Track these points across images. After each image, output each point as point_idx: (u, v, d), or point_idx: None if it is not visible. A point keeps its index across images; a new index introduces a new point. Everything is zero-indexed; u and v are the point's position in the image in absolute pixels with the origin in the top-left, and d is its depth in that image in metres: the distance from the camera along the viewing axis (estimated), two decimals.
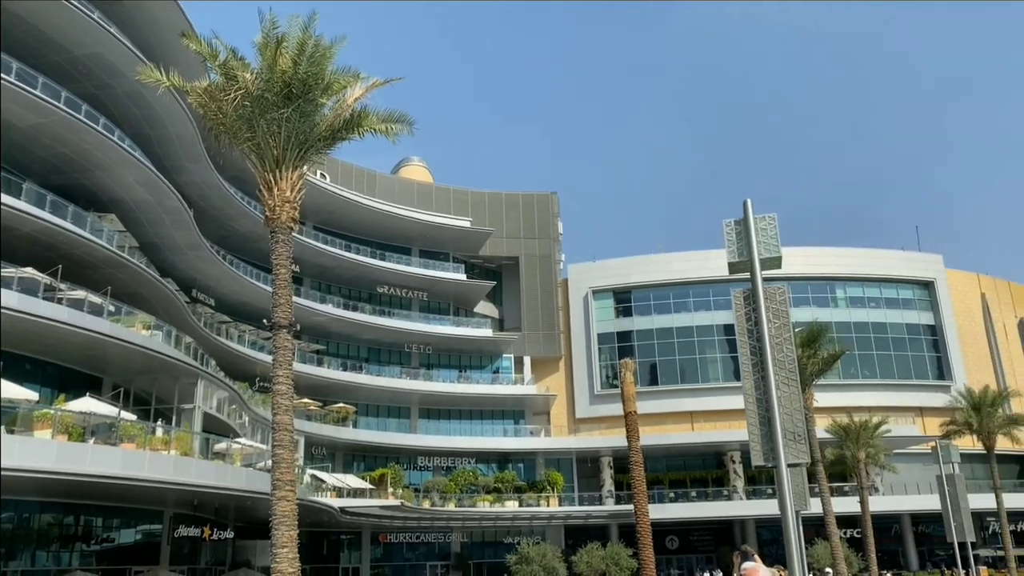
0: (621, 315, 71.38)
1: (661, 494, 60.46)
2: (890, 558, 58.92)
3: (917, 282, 72.84)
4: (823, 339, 39.49)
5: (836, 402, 55.56)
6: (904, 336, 70.86)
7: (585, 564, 37.67)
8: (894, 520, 61.29)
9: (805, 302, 68.58)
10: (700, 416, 65.54)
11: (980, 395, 52.63)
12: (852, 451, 45.96)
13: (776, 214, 9.94)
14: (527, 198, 72.10)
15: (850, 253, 72.22)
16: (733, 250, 10.29)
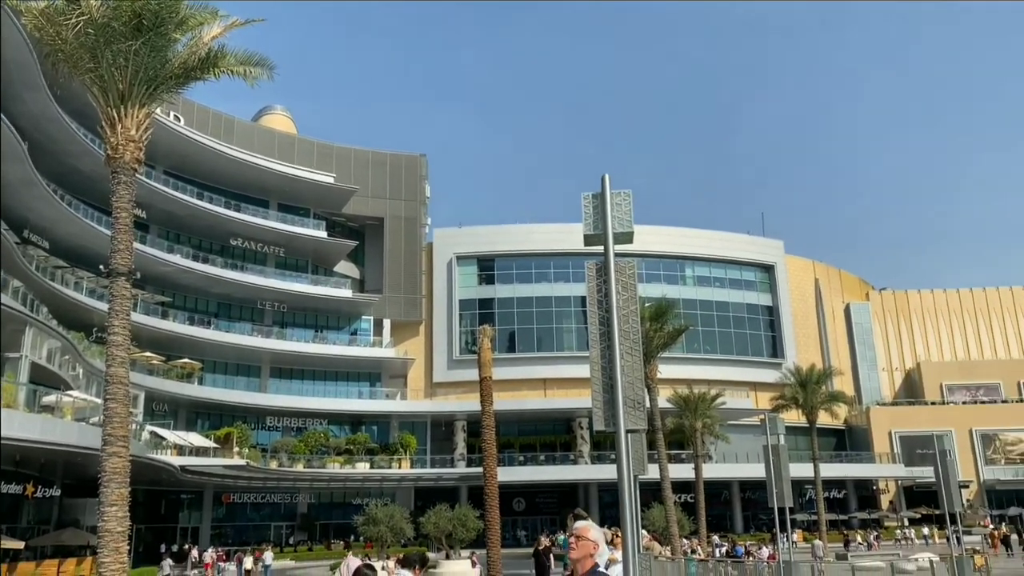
0: (484, 282, 72.00)
1: (512, 458, 61.93)
2: (719, 522, 63.13)
3: (759, 265, 77.62)
4: (670, 314, 41.39)
5: (679, 374, 58.53)
6: (744, 315, 75.49)
7: (432, 525, 38.03)
8: (724, 487, 65.64)
9: (657, 279, 71.62)
10: (554, 383, 67.41)
11: (807, 373, 56.95)
12: (690, 421, 48.66)
13: (631, 191, 10.24)
14: (395, 158, 70.96)
15: (700, 234, 75.86)
16: (589, 223, 10.51)
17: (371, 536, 41.53)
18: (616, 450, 9.80)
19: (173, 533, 54.32)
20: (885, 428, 75.23)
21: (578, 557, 5.15)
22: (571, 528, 5.38)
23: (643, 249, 66.90)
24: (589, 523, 5.43)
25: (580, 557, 5.14)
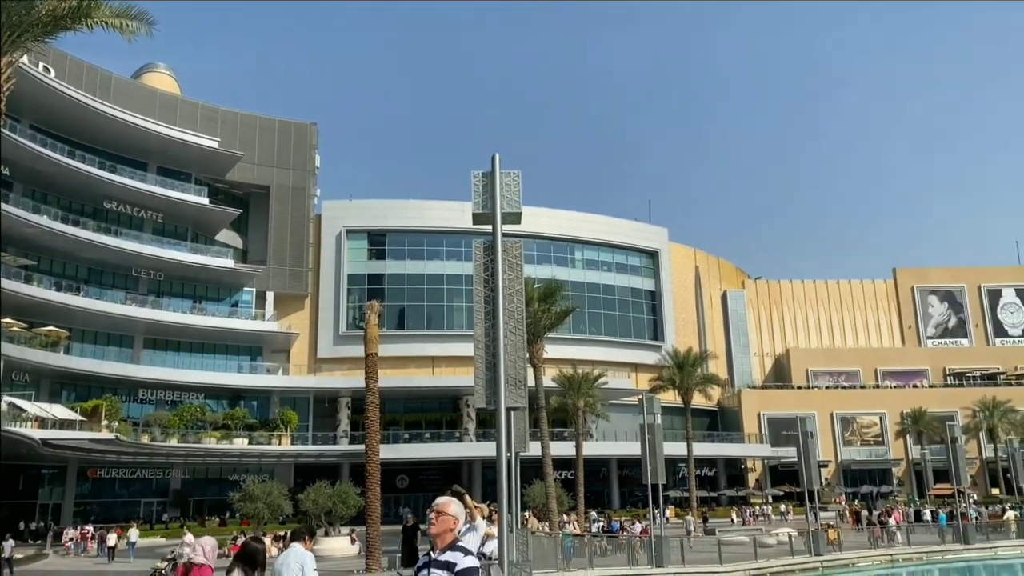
0: (374, 257, 71.00)
1: (397, 435, 61.65)
2: (597, 498, 65.01)
3: (644, 251, 79.93)
4: (558, 296, 42.12)
5: (565, 354, 59.70)
6: (629, 299, 77.67)
7: (311, 502, 37.54)
8: (603, 464, 67.61)
9: (547, 260, 72.61)
10: (442, 361, 67.42)
11: (684, 356, 59.27)
12: (573, 400, 49.81)
13: (521, 172, 10.32)
14: (284, 125, 68.72)
15: (590, 219, 77.33)
16: (479, 201, 10.55)
17: (248, 513, 40.57)
18: (496, 427, 9.95)
19: (32, 510, 51.34)
20: (755, 410, 79.28)
21: (438, 532, 5.19)
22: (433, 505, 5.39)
23: (534, 231, 67.58)
24: (449, 498, 5.46)
25: (440, 532, 5.17)
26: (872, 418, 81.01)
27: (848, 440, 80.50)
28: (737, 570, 31.10)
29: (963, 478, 43.86)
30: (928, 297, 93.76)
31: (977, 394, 77.23)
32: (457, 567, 5.03)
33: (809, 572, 33.30)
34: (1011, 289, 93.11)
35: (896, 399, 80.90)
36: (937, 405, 77.58)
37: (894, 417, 79.19)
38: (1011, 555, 39.81)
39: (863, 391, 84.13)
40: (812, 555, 34.22)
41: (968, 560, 38.07)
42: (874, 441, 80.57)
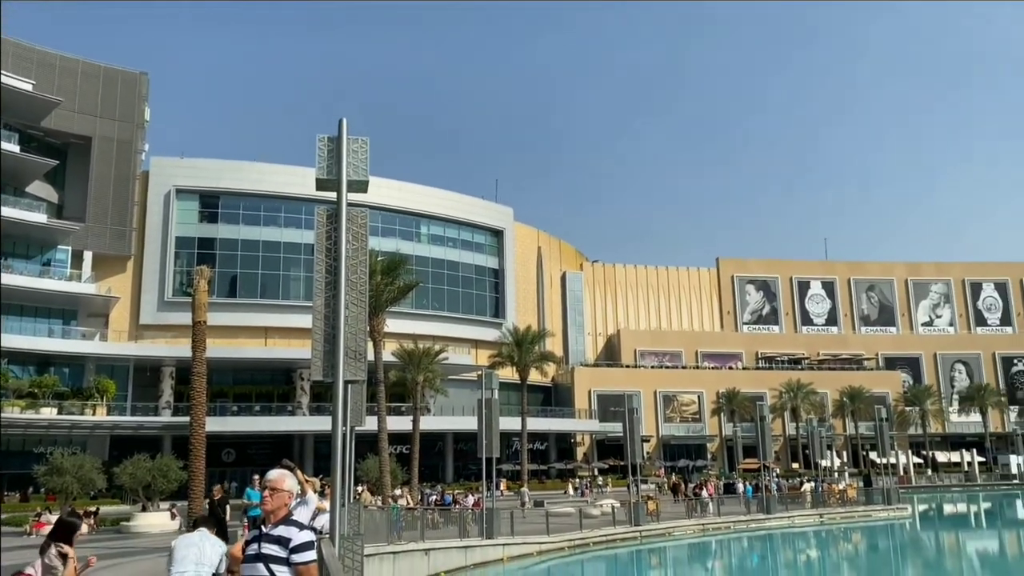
0: (206, 220, 67.34)
1: (224, 407, 59.15)
2: (432, 472, 65.46)
3: (490, 229, 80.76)
4: (402, 269, 41.77)
5: (406, 329, 59.43)
6: (472, 276, 78.32)
7: (128, 476, 35.27)
8: (440, 438, 68.08)
9: (392, 233, 71.76)
10: (276, 332, 65.20)
11: (524, 334, 60.59)
12: (413, 375, 49.75)
13: (368, 138, 10.04)
14: (110, 73, 63.49)
15: (438, 194, 77.10)
16: (323, 167, 10.17)
17: (54, 488, 37.68)
18: (332, 401, 9.69)
19: None
20: (586, 387, 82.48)
21: (274, 508, 5.05)
22: (265, 480, 5.19)
23: (380, 202, 66.48)
24: (283, 472, 5.30)
25: (275, 509, 5.04)
26: (692, 396, 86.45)
27: (669, 417, 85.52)
28: (563, 540, 32.36)
29: (768, 453, 47.74)
30: (746, 286, 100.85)
31: (784, 377, 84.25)
32: (292, 542, 4.88)
33: (629, 541, 35.19)
34: (818, 282, 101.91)
35: (714, 379, 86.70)
36: (749, 386, 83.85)
37: (711, 396, 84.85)
38: (806, 523, 43.89)
39: (685, 371, 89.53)
40: (632, 525, 36.16)
41: (769, 528, 41.59)
42: (692, 418, 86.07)
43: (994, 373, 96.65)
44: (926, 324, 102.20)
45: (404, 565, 24.87)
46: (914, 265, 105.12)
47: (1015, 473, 76.56)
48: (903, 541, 42.39)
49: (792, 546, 39.43)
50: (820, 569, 34.26)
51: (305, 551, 4.88)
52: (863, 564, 35.39)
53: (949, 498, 69.18)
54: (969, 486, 75.16)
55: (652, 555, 34.87)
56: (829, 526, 44.25)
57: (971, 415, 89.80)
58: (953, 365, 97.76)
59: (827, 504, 47.61)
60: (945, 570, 33.78)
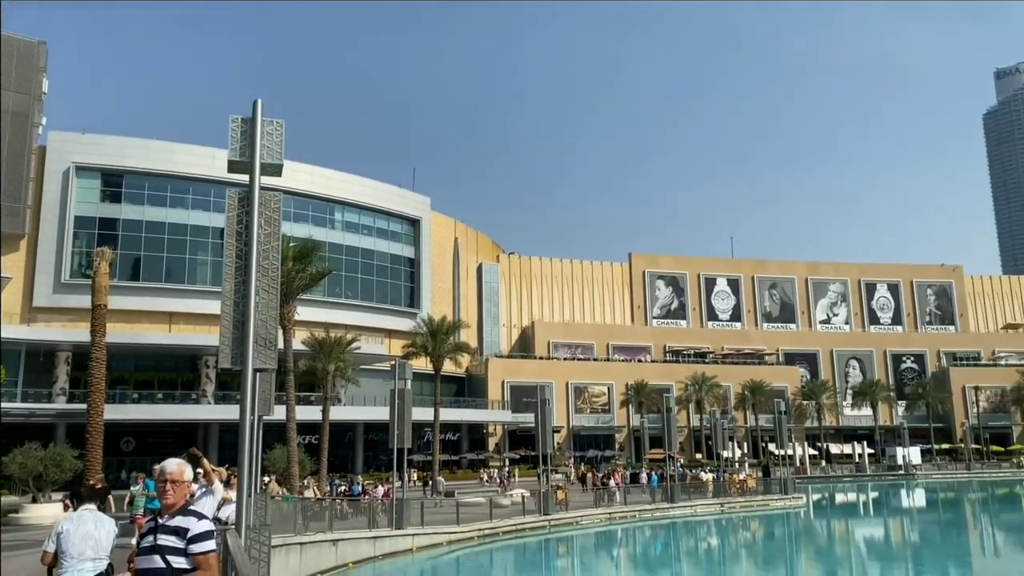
0: (108, 200, 64.43)
1: (124, 394, 56.95)
2: (342, 462, 64.64)
3: (406, 218, 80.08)
4: (314, 256, 40.99)
5: (318, 317, 58.35)
6: (388, 265, 77.54)
7: (18, 465, 33.49)
8: (350, 428, 67.25)
9: (305, 219, 70.32)
10: (181, 318, 63.04)
11: (439, 324, 60.40)
12: (324, 364, 48.90)
13: (284, 121, 9.84)
14: (6, 42, 59.77)
15: (354, 180, 75.95)
16: (236, 148, 9.91)
17: None
18: (241, 389, 9.47)
19: None
20: (500, 378, 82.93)
21: (176, 501, 4.98)
22: (162, 472, 5.06)
23: (293, 187, 65.05)
24: (181, 464, 5.20)
25: (176, 502, 4.99)
26: (602, 388, 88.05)
27: (580, 408, 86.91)
28: (472, 530, 32.53)
29: (674, 444, 49.13)
30: (656, 281, 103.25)
31: (690, 370, 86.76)
32: (190, 532, 4.80)
33: (538, 530, 35.66)
34: (724, 279, 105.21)
35: (623, 372, 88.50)
36: (657, 378, 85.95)
37: (620, 388, 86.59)
38: (707, 512, 45.39)
39: (596, 363, 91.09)
40: (542, 514, 36.65)
41: (673, 517, 42.83)
42: (602, 409, 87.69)
43: (885, 369, 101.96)
44: (824, 322, 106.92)
45: (311, 556, 24.54)
46: (814, 265, 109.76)
47: (901, 464, 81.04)
48: (798, 529, 44.36)
49: (694, 534, 40.73)
50: (720, 556, 35.51)
51: (203, 541, 4.80)
52: (760, 551, 36.88)
53: (841, 488, 72.71)
54: (859, 477, 79.17)
55: (560, 544, 35.43)
56: (730, 515, 45.88)
57: (863, 409, 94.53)
58: (848, 361, 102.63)
59: (728, 494, 49.35)
60: (835, 555, 35.54)
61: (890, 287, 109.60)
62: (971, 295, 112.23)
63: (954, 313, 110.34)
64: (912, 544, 39.33)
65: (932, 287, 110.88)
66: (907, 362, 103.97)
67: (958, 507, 59.45)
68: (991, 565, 32.59)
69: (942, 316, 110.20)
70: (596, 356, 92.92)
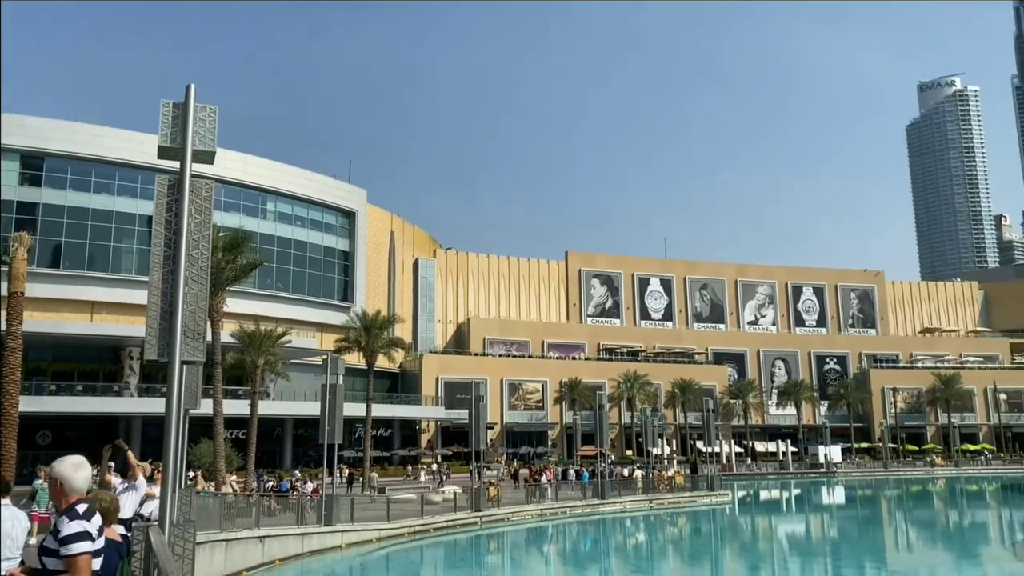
0: (28, 183, 61.74)
1: (41, 386, 54.65)
2: (270, 458, 63.42)
3: (341, 210, 78.98)
4: (245, 247, 40.10)
5: (248, 309, 57.10)
6: (321, 257, 76.36)
7: None
8: (279, 423, 66.04)
9: (236, 208, 68.71)
10: (103, 307, 60.92)
11: (372, 319, 59.77)
12: (253, 357, 47.88)
13: (218, 107, 9.57)
14: None
15: (287, 170, 74.52)
16: (167, 134, 9.59)
17: None
18: (168, 382, 9.18)
19: None
20: (434, 374, 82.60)
21: (56, 501, 4.92)
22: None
23: (225, 175, 63.47)
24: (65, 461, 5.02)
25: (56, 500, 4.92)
26: (536, 385, 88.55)
27: (514, 404, 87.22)
28: (403, 527, 32.34)
29: (605, 441, 49.76)
30: (592, 280, 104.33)
31: (623, 368, 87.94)
32: (61, 533, 4.63)
33: (469, 527, 35.67)
34: (657, 279, 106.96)
35: (557, 369, 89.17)
36: (590, 376, 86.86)
37: (554, 385, 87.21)
38: (636, 508, 46.11)
39: (531, 360, 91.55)
40: (474, 511, 36.67)
41: (603, 513, 43.38)
42: (536, 406, 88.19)
43: (809, 370, 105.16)
44: (752, 323, 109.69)
45: (237, 552, 24.03)
46: (743, 267, 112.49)
47: (822, 462, 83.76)
48: (723, 526, 45.42)
49: (623, 530, 41.32)
50: (648, 552, 36.11)
51: (72, 543, 4.56)
52: (687, 547, 37.64)
53: (765, 485, 74.76)
54: (783, 474, 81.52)
55: (491, 540, 35.51)
56: (658, 511, 46.72)
57: (787, 408, 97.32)
58: (774, 361, 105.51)
59: (657, 490, 50.22)
60: (758, 551, 36.51)
61: (815, 290, 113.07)
62: (891, 300, 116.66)
63: (875, 317, 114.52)
64: (831, 540, 40.70)
65: (855, 291, 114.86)
66: (830, 363, 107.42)
67: (875, 504, 61.75)
68: (903, 559, 33.96)
69: (864, 319, 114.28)
70: (531, 353, 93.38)
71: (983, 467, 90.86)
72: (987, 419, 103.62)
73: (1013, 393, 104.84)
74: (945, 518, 52.34)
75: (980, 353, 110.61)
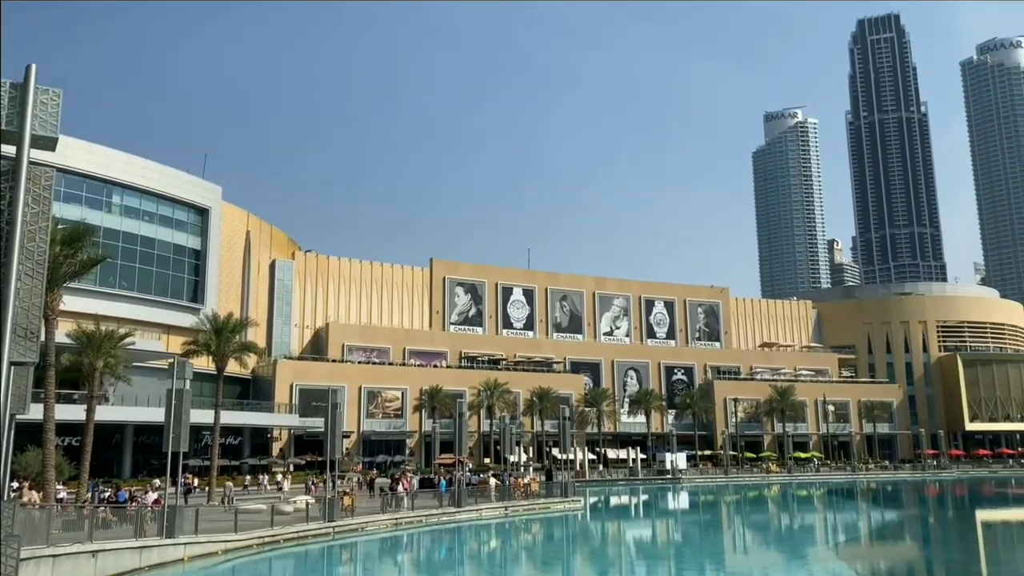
0: None
1: None
2: (106, 467, 59.44)
3: (193, 207, 75.35)
4: (87, 241, 37.54)
5: (88, 308, 53.42)
6: (170, 255, 72.52)
7: None
8: (118, 430, 61.97)
9: (78, 200, 64.26)
10: None
11: (224, 321, 57.31)
12: (91, 359, 44.73)
13: (62, 91, 8.93)
14: None
15: (138, 162, 70.41)
16: (3, 116, 8.86)
17: None
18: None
19: None
20: (289, 380, 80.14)
21: None
22: None
23: (67, 164, 59.19)
24: None
25: None
26: (396, 393, 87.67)
27: (372, 412, 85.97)
28: (252, 538, 31.19)
29: (464, 449, 49.97)
30: (456, 288, 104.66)
31: (484, 376, 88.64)
32: None
33: (322, 537, 34.84)
34: (520, 288, 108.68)
35: (418, 376, 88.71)
36: (451, 384, 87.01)
37: (415, 393, 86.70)
38: (493, 515, 46.52)
39: (392, 367, 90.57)
40: (327, 521, 35.86)
41: (459, 521, 43.49)
42: (395, 414, 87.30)
43: (659, 380, 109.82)
44: (607, 334, 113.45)
45: (66, 568, 22.40)
46: (601, 280, 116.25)
47: (669, 469, 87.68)
48: (574, 531, 46.60)
49: (477, 537, 41.57)
50: (501, 558, 36.50)
51: None
52: (538, 552, 38.35)
53: (615, 491, 77.34)
54: (632, 480, 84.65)
55: (343, 551, 34.81)
56: (513, 518, 47.32)
57: (638, 416, 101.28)
58: (627, 371, 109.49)
59: (513, 497, 50.87)
60: (606, 555, 37.71)
61: (666, 304, 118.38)
62: (735, 315, 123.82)
63: (720, 331, 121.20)
64: (674, 543, 42.63)
65: (702, 306, 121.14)
66: (678, 374, 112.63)
67: (715, 509, 65.20)
68: (739, 560, 36.04)
69: (710, 333, 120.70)
70: (392, 360, 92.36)
71: (812, 473, 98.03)
72: (817, 428, 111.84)
73: (840, 405, 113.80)
74: (778, 521, 56.00)
75: (812, 367, 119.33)
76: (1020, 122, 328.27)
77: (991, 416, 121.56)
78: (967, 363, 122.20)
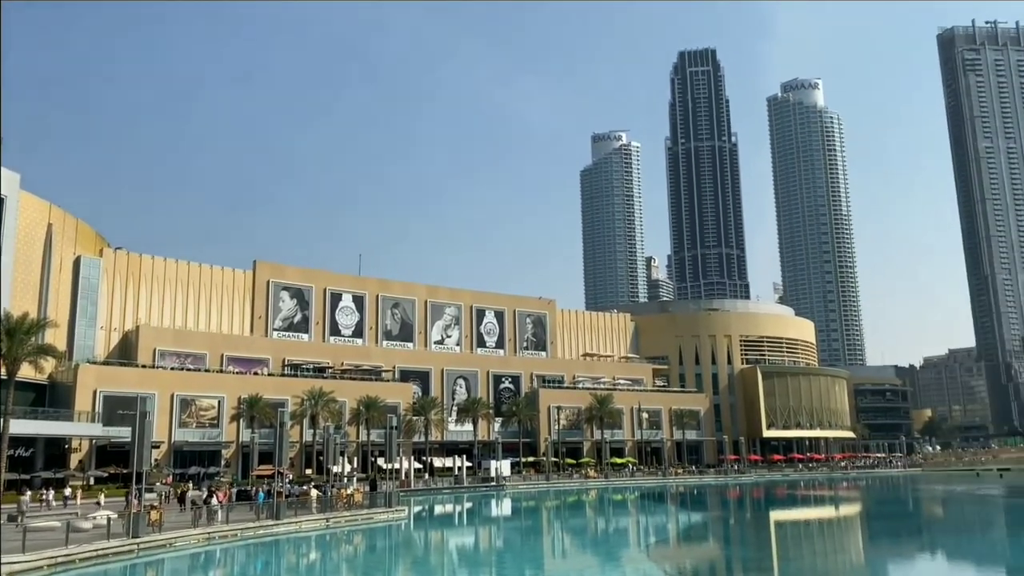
0: None
1: None
2: None
3: None
4: None
5: None
6: None
7: None
8: None
9: None
10: None
11: (18, 322, 52.23)
12: None
13: None
14: None
15: None
16: None
17: None
18: None
19: None
20: (91, 387, 74.12)
21: None
22: None
23: None
24: None
25: None
26: (212, 401, 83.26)
27: (185, 422, 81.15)
28: (42, 559, 28.58)
29: (284, 460, 48.26)
30: (281, 292, 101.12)
31: (308, 384, 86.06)
32: None
33: (124, 555, 32.45)
34: (350, 295, 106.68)
35: (237, 384, 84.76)
36: (273, 392, 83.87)
37: (232, 401, 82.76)
38: (313, 528, 45.22)
39: (207, 374, 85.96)
40: (130, 537, 33.46)
41: (277, 535, 41.92)
42: (210, 423, 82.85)
43: (487, 388, 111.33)
44: (438, 342, 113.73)
45: None
46: (433, 288, 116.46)
47: (494, 476, 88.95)
48: (397, 541, 46.20)
49: (296, 550, 40.23)
50: (320, 571, 35.53)
51: None
52: (359, 564, 37.68)
53: (440, 499, 77.47)
54: (457, 488, 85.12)
55: (148, 569, 32.57)
56: (335, 529, 46.20)
57: (466, 424, 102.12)
58: (456, 380, 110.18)
59: (334, 508, 49.69)
60: (428, 564, 37.67)
61: (496, 314, 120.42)
62: (560, 326, 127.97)
63: (547, 340, 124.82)
64: (495, 549, 43.31)
65: (531, 317, 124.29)
66: (505, 382, 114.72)
67: (536, 514, 66.86)
68: (557, 564, 37.18)
69: (536, 343, 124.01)
70: (208, 367, 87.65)
71: (627, 478, 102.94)
72: (632, 435, 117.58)
73: (653, 412, 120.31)
74: (594, 525, 58.26)
75: (629, 376, 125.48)
76: (815, 156, 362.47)
77: (785, 424, 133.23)
78: (765, 375, 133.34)
